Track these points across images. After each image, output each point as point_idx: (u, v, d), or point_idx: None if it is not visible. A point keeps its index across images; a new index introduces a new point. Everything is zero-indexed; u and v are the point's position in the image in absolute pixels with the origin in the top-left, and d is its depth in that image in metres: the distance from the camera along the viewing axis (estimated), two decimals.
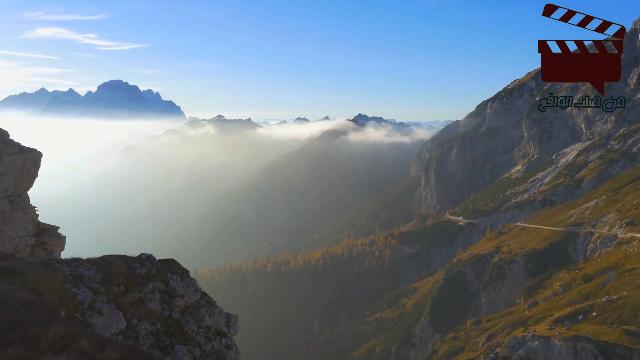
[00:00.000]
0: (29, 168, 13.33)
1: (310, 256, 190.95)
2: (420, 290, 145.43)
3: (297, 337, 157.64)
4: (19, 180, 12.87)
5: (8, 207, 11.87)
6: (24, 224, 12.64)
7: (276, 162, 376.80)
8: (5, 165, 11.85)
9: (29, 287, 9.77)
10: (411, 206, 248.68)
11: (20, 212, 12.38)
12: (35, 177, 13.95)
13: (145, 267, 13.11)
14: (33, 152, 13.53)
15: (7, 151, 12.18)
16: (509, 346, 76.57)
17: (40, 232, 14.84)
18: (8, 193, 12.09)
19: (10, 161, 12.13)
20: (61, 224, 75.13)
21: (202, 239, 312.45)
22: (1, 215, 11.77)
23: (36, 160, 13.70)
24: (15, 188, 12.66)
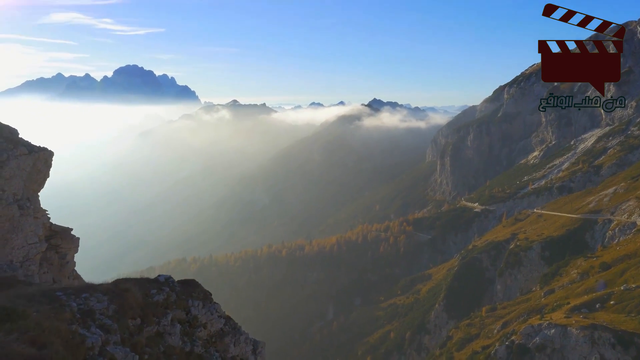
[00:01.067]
0: (40, 169, 12.77)
1: (324, 242, 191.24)
2: (435, 276, 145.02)
3: (312, 322, 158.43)
4: (28, 182, 12.29)
5: (17, 213, 11.26)
6: (35, 229, 12.02)
7: (291, 147, 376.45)
8: (13, 168, 11.28)
9: (29, 336, 8.60)
10: (426, 192, 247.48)
11: (30, 217, 11.74)
12: (47, 178, 13.40)
13: (164, 293, 11.66)
14: (44, 152, 12.92)
15: (16, 152, 11.62)
16: (525, 334, 76.02)
17: (53, 234, 14.22)
18: (17, 197, 11.52)
19: (19, 163, 11.58)
20: (78, 208, 76.59)
21: (216, 223, 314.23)
22: (9, 221, 11.14)
23: (47, 160, 13.06)
24: (25, 191, 12.08)
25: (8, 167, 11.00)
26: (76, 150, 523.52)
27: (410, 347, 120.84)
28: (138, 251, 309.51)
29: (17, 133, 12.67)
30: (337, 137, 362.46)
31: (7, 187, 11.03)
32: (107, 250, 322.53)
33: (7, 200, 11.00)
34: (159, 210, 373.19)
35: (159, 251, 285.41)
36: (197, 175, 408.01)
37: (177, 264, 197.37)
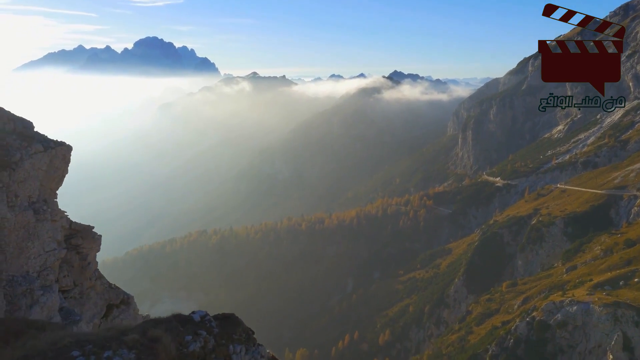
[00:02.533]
0: (57, 166, 11.82)
1: (344, 215, 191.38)
2: (455, 251, 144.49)
3: (331, 295, 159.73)
4: (45, 181, 11.41)
5: (32, 219, 10.43)
6: (52, 234, 11.14)
7: (311, 120, 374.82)
8: (27, 169, 10.43)
9: None
10: (447, 166, 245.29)
11: (47, 221, 10.89)
12: (65, 175, 12.45)
13: (200, 340, 9.26)
14: (61, 147, 11.92)
15: (30, 151, 10.68)
16: (546, 310, 75.47)
17: (73, 234, 13.37)
18: (32, 199, 10.69)
19: (34, 163, 10.70)
20: (99, 181, 77.05)
21: (236, 196, 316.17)
22: (24, 229, 10.29)
23: (65, 155, 12.09)
24: (41, 192, 11.24)
25: (22, 168, 10.18)
26: (97, 122, 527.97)
27: (429, 320, 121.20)
28: (159, 223, 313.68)
29: (32, 126, 11.75)
30: (357, 110, 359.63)
31: (20, 191, 10.24)
32: (129, 223, 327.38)
33: (21, 205, 10.22)
34: (180, 182, 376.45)
35: (180, 223, 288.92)
36: (217, 148, 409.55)
37: (198, 236, 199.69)
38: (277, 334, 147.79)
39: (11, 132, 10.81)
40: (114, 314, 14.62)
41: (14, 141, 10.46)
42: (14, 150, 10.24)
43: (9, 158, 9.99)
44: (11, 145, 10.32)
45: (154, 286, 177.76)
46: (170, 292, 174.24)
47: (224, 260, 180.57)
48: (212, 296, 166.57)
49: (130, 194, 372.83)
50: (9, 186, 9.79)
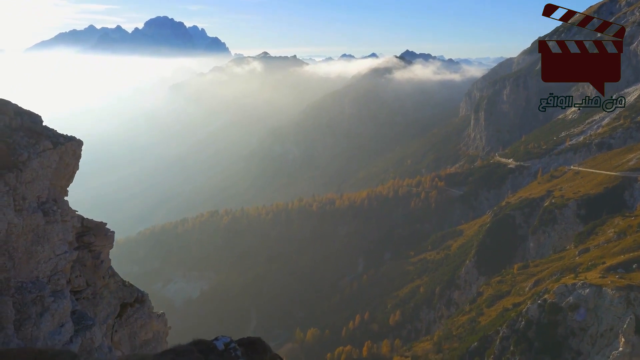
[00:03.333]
0: (67, 162, 11.22)
1: (355, 196, 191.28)
2: (466, 232, 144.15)
3: (342, 275, 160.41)
4: (55, 179, 10.84)
5: (42, 221, 9.87)
6: (63, 236, 10.56)
7: (322, 100, 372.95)
8: (35, 169, 9.83)
9: None
10: (459, 147, 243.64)
11: (58, 223, 10.32)
12: (76, 170, 11.88)
13: None
14: (71, 143, 11.31)
15: (38, 148, 10.07)
16: (558, 293, 75.22)
17: (85, 231, 12.78)
18: (42, 200, 10.18)
19: (43, 161, 10.12)
20: (111, 162, 77.42)
21: (247, 176, 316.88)
22: (33, 232, 9.73)
23: (75, 151, 11.50)
24: (51, 191, 10.71)
25: (30, 168, 9.63)
26: (108, 102, 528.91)
27: (440, 302, 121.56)
28: (171, 203, 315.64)
29: (40, 120, 11.19)
30: (368, 90, 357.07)
31: (29, 192, 9.73)
32: (141, 203, 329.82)
33: (30, 208, 9.66)
34: (191, 162, 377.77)
35: (191, 203, 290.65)
36: (228, 128, 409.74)
37: (210, 216, 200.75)
38: (288, 313, 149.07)
39: (18, 128, 10.27)
40: (128, 313, 14.23)
41: (21, 139, 9.94)
42: (21, 149, 9.70)
43: (15, 158, 9.49)
44: (18, 144, 9.79)
45: (166, 266, 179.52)
46: (182, 272, 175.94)
47: (235, 240, 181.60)
48: (223, 276, 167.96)
49: (142, 174, 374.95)
50: (16, 189, 9.31)
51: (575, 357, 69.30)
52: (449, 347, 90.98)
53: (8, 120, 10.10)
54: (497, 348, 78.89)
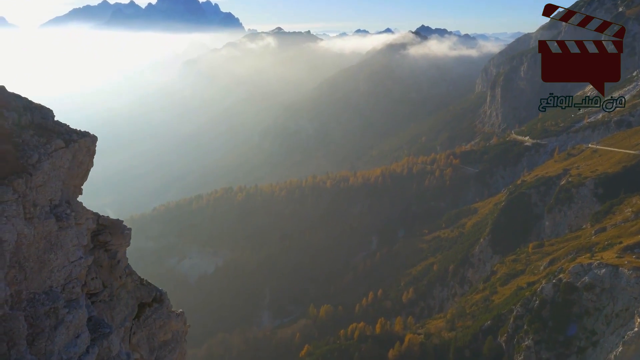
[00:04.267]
0: (81, 160, 10.49)
1: (369, 173, 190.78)
2: (480, 211, 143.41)
3: (355, 252, 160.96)
4: (68, 179, 10.16)
5: (55, 227, 9.18)
6: (78, 240, 9.86)
7: (336, 76, 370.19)
8: (47, 172, 9.11)
9: None
10: (474, 124, 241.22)
11: (72, 228, 9.63)
12: (90, 168, 11.14)
13: None
14: (85, 139, 10.48)
15: (49, 148, 9.34)
16: (573, 273, 74.68)
17: (100, 229, 12.14)
18: (54, 202, 9.49)
19: (54, 162, 9.40)
20: (124, 137, 77.58)
21: (261, 153, 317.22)
22: (46, 239, 9.04)
23: (89, 148, 10.71)
24: (64, 192, 10.04)
25: (40, 171, 8.95)
26: (122, 78, 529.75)
27: (453, 280, 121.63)
28: (184, 180, 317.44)
29: (52, 115, 10.47)
30: (383, 66, 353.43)
31: (40, 197, 9.07)
32: (155, 179, 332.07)
33: (41, 215, 9.00)
34: (205, 139, 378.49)
35: (205, 179, 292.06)
36: (241, 105, 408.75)
37: (224, 193, 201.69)
38: (301, 290, 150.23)
39: (27, 125, 9.60)
40: (146, 313, 13.67)
41: (30, 138, 9.26)
42: (30, 150, 9.00)
43: (25, 160, 8.84)
44: (27, 144, 9.11)
45: (180, 241, 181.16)
46: (196, 248, 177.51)
47: (249, 217, 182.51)
48: (238, 252, 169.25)
49: (157, 151, 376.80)
50: (25, 195, 8.69)
51: (590, 336, 69.07)
52: (462, 325, 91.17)
53: (17, 117, 9.47)
54: (511, 327, 78.91)
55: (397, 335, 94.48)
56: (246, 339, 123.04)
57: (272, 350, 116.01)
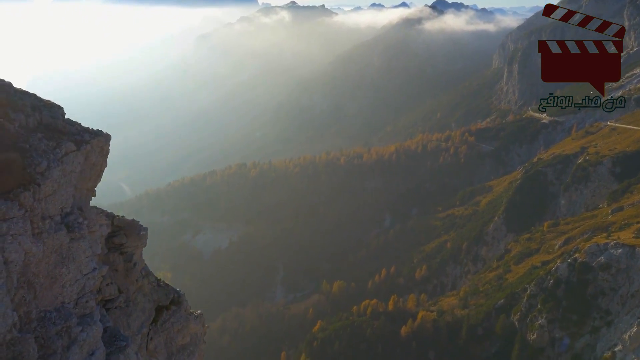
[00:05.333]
0: (94, 162, 9.76)
1: (383, 150, 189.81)
2: (495, 189, 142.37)
3: (368, 229, 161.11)
4: (80, 183, 9.47)
5: (66, 240, 8.46)
6: (92, 249, 9.15)
7: (350, 51, 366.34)
8: (56, 179, 8.30)
9: None
10: (491, 101, 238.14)
11: (85, 239, 8.90)
12: (104, 169, 10.40)
13: None
14: (97, 139, 9.74)
15: (59, 153, 8.59)
16: (589, 252, 74.10)
17: (115, 231, 11.50)
18: (66, 210, 8.74)
19: (65, 168, 8.65)
20: (138, 112, 77.62)
21: (274, 128, 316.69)
22: (56, 253, 8.33)
23: (103, 148, 9.96)
24: (76, 198, 9.35)
25: (50, 179, 8.15)
26: (135, 53, 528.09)
27: (467, 257, 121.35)
28: (198, 155, 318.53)
29: (62, 114, 9.68)
30: (398, 41, 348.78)
31: (50, 208, 8.32)
32: (169, 154, 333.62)
33: (51, 228, 8.23)
34: (219, 114, 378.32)
35: (219, 155, 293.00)
36: (255, 80, 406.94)
37: (238, 169, 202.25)
38: (314, 266, 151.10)
39: (35, 127, 8.87)
40: (163, 317, 13.11)
41: (38, 142, 8.47)
42: (39, 157, 8.19)
43: (32, 169, 8.05)
44: (35, 149, 8.29)
45: (195, 217, 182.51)
46: (210, 223, 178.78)
47: (262, 193, 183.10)
48: (251, 228, 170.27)
49: (171, 126, 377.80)
50: (33, 209, 7.95)
51: (604, 316, 68.79)
52: (475, 303, 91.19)
53: (24, 119, 8.74)
54: (524, 306, 78.78)
55: (409, 313, 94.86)
56: (259, 313, 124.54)
57: (285, 325, 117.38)
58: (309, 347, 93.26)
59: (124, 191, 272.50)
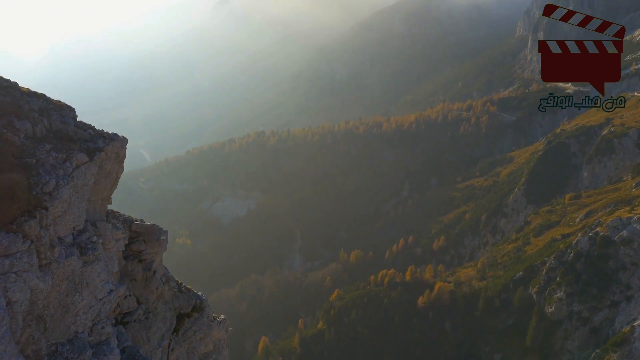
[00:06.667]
0: (109, 170, 8.64)
1: (403, 119, 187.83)
2: (516, 160, 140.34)
3: (386, 199, 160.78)
4: (94, 195, 8.64)
5: (78, 265, 7.73)
6: (107, 268, 8.44)
7: (371, 17, 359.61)
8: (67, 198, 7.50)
9: None
10: (514, 70, 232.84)
11: (99, 261, 8.13)
12: (120, 174, 9.52)
13: None
14: (113, 145, 8.78)
15: (69, 168, 7.66)
16: (611, 226, 73.10)
17: (133, 237, 10.69)
18: (78, 228, 7.91)
19: (77, 184, 7.68)
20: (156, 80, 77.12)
21: (293, 96, 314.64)
22: (68, 280, 7.58)
23: (119, 153, 9.09)
24: (90, 212, 8.53)
25: (59, 199, 7.27)
26: (153, 19, 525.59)
27: (485, 229, 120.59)
28: (217, 123, 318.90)
29: (73, 116, 8.70)
30: (420, 7, 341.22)
31: (60, 229, 7.46)
32: (189, 122, 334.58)
33: (61, 255, 7.41)
34: (237, 81, 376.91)
35: (238, 122, 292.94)
36: (274, 46, 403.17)
37: (256, 137, 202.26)
38: (332, 234, 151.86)
39: (43, 137, 7.89)
40: (185, 325, 12.44)
41: (46, 156, 7.55)
42: (46, 174, 7.29)
43: (39, 189, 7.14)
44: (43, 165, 7.38)
45: (213, 184, 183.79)
46: (229, 191, 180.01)
47: (281, 161, 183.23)
48: (270, 196, 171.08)
49: (188, 94, 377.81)
50: (40, 238, 7.10)
51: (624, 291, 68.21)
52: (492, 275, 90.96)
53: (30, 128, 7.83)
54: (543, 278, 78.39)
55: (426, 283, 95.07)
56: (277, 281, 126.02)
57: (303, 293, 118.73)
58: (325, 315, 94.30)
59: (144, 158, 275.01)
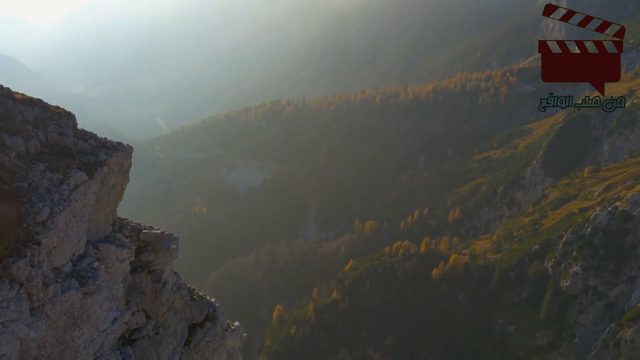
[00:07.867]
0: (112, 184, 8.15)
1: (420, 89, 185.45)
2: (535, 132, 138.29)
3: (402, 169, 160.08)
4: (96, 212, 7.85)
5: (77, 298, 6.98)
6: (111, 293, 7.65)
7: None
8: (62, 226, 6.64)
9: None
10: (535, 39, 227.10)
11: (101, 290, 7.31)
12: (125, 185, 8.82)
13: None
14: (117, 157, 7.93)
15: (66, 191, 6.72)
16: (631, 201, 72.11)
17: (142, 247, 10.01)
18: (78, 253, 7.13)
19: (74, 208, 6.88)
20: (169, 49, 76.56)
21: (308, 64, 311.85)
22: (67, 315, 6.87)
23: (123, 165, 8.37)
24: (91, 231, 7.76)
25: (54, 230, 6.34)
26: None
27: (502, 201, 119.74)
28: (232, 92, 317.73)
29: (73, 124, 7.92)
30: None
31: (56, 259, 6.70)
32: (204, 90, 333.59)
33: (58, 292, 6.72)
34: (251, 50, 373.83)
35: (253, 91, 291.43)
36: (289, 14, 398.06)
37: (272, 106, 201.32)
38: (347, 205, 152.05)
39: (37, 154, 7.01)
40: (197, 336, 11.73)
41: (40, 177, 6.71)
42: (39, 201, 6.47)
43: (31, 220, 6.34)
44: (36, 189, 6.56)
45: (229, 153, 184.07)
46: (244, 160, 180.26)
47: (296, 131, 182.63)
48: (285, 166, 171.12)
49: (201, 63, 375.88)
50: (31, 279, 6.36)
51: None
52: (508, 248, 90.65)
53: (23, 145, 6.96)
54: (559, 252, 77.93)
55: (441, 255, 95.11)
56: (292, 250, 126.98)
57: (317, 263, 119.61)
58: (340, 285, 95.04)
59: (159, 126, 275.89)
